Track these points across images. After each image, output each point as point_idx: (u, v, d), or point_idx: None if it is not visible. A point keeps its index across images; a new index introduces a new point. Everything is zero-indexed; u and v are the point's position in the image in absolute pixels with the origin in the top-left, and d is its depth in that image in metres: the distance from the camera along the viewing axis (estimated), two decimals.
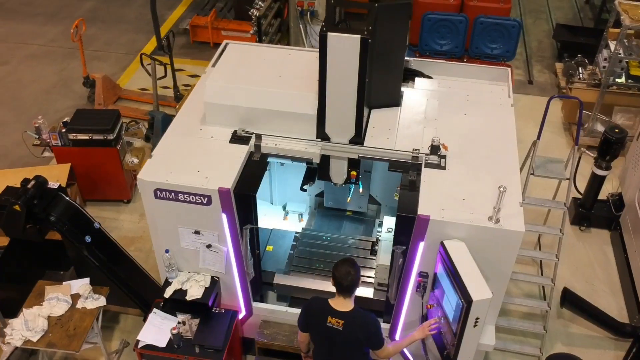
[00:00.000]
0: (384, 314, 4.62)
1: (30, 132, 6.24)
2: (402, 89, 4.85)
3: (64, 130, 6.12)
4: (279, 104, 4.30)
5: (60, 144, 6.20)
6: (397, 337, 4.57)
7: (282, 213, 5.81)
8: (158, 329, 4.49)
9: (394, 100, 4.68)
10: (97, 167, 6.33)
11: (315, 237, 5.35)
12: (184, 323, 4.52)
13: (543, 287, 5.82)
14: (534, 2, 11.04)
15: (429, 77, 5.10)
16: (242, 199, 4.12)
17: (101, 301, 4.79)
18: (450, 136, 4.41)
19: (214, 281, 4.58)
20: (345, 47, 3.86)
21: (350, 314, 3.74)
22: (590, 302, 5.39)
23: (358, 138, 4.31)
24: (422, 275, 4.12)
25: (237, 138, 4.38)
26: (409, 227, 3.93)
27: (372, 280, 4.77)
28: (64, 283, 4.92)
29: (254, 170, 4.27)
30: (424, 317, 4.25)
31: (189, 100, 4.81)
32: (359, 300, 4.73)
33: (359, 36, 3.81)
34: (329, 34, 3.84)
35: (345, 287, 3.70)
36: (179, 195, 4.11)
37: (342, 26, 4.21)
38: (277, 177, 5.62)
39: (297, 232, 5.43)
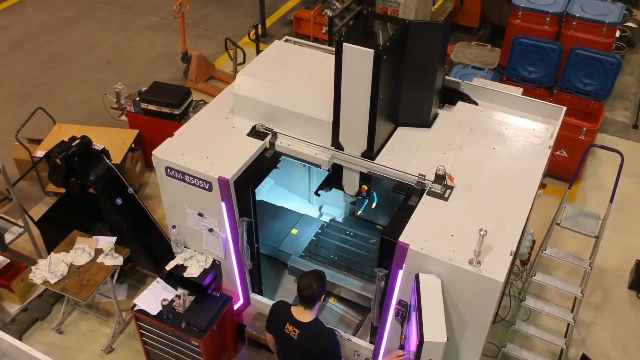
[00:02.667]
0: (370, 335, 4.54)
1: (111, 95, 6.80)
2: (439, 111, 4.69)
3: (137, 98, 6.60)
4: (297, 106, 4.34)
5: (133, 111, 6.70)
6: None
7: (317, 214, 5.86)
8: (155, 297, 4.74)
9: (423, 121, 4.53)
10: (162, 137, 6.61)
11: (340, 230, 5.41)
12: (179, 297, 4.75)
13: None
14: None
15: (475, 103, 4.87)
16: (241, 191, 4.24)
17: (119, 260, 5.16)
18: (467, 167, 4.20)
19: (215, 264, 4.75)
20: (359, 59, 3.81)
21: (307, 325, 3.73)
22: None
23: (370, 152, 4.24)
24: (402, 304, 3.98)
25: (255, 132, 4.48)
26: (391, 252, 3.82)
27: None
28: (93, 237, 5.35)
29: (261, 166, 4.36)
30: (402, 347, 4.11)
31: (230, 88, 4.99)
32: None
33: (373, 50, 3.75)
34: (344, 44, 3.81)
35: (305, 298, 3.70)
36: (186, 176, 4.31)
37: (369, 38, 4.15)
38: (317, 178, 5.67)
39: (325, 222, 5.49)
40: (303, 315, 3.75)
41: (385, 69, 3.88)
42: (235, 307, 4.99)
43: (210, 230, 4.54)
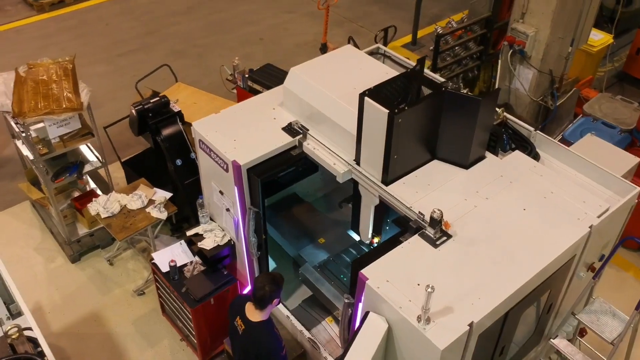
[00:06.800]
0: None
1: (227, 67, 7.23)
2: (487, 154, 4.29)
3: (247, 75, 6.94)
4: (330, 112, 4.28)
5: (241, 86, 7.06)
6: None
7: None
8: (173, 257, 5.03)
9: (461, 160, 4.18)
10: None
11: (363, 252, 5.19)
12: (191, 263, 4.98)
13: None
14: None
15: (536, 156, 4.37)
16: (251, 180, 4.30)
17: (163, 215, 5.54)
18: (480, 221, 3.80)
19: (230, 243, 4.89)
20: (376, 115, 3.76)
21: (253, 324, 3.72)
22: None
23: (385, 177, 4.04)
24: None
25: (289, 128, 4.51)
26: (356, 281, 3.63)
27: None
28: (154, 188, 5.80)
29: (281, 162, 4.38)
30: None
31: None
32: None
33: (387, 111, 3.63)
34: (365, 98, 3.80)
35: (257, 298, 3.69)
36: (211, 153, 4.49)
37: (402, 96, 4.03)
38: None
39: (354, 240, 5.35)
40: (253, 313, 3.74)
41: (403, 129, 3.77)
42: (245, 292, 5.10)
43: (228, 210, 4.69)
